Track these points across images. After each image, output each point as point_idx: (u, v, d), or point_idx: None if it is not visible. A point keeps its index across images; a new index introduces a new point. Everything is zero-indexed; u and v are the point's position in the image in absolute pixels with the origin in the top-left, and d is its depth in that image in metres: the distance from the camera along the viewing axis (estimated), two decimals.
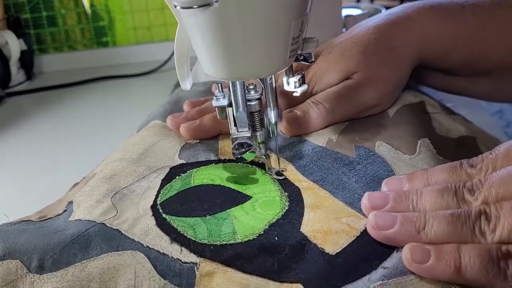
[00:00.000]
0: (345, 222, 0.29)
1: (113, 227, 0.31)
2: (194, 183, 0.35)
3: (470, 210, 0.26)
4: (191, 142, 0.41)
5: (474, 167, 0.29)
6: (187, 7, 0.28)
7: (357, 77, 0.42)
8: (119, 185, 0.35)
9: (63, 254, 0.29)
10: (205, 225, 0.30)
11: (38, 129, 0.68)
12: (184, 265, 0.28)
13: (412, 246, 0.26)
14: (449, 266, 0.24)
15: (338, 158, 0.36)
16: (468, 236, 0.25)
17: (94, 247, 0.29)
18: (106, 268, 0.28)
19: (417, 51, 0.44)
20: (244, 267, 0.27)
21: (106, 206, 0.33)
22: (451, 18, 0.44)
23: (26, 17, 0.94)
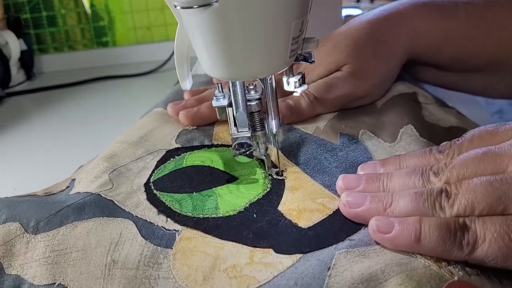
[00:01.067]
0: (320, 202, 0.32)
1: (107, 197, 0.33)
2: (186, 164, 0.37)
3: (433, 188, 0.28)
4: (188, 128, 0.43)
5: (442, 153, 0.31)
6: (187, 7, 0.28)
7: (346, 69, 0.44)
8: (117, 164, 0.38)
9: (57, 217, 0.31)
10: (191, 200, 0.33)
11: (38, 129, 0.68)
12: (167, 231, 0.30)
13: (378, 217, 0.28)
14: (410, 236, 0.26)
15: (322, 145, 0.38)
16: (429, 211, 0.27)
17: (87, 212, 0.31)
18: (94, 228, 0.30)
19: (407, 46, 0.46)
20: (222, 235, 0.30)
21: (104, 181, 0.35)
22: (443, 15, 0.46)
23: (26, 17, 0.94)
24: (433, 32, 0.46)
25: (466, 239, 0.25)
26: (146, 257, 0.29)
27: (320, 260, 0.26)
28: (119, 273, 0.28)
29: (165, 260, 0.28)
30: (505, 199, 0.25)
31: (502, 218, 0.25)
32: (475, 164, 0.28)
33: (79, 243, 0.30)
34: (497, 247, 0.24)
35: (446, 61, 0.48)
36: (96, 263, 0.29)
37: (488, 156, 0.28)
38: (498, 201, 0.25)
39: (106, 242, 0.30)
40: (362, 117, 0.42)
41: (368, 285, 0.24)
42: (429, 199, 0.27)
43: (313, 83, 0.45)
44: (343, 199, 0.30)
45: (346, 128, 0.40)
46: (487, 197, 0.26)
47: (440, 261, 0.25)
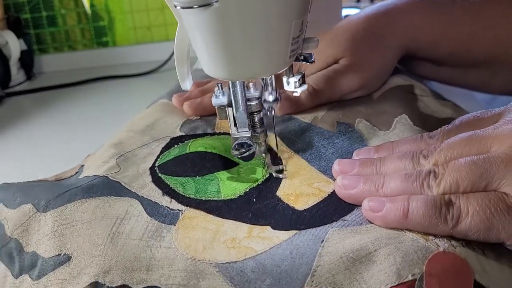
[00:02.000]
0: (316, 187, 0.33)
1: (114, 179, 0.35)
2: (190, 150, 0.39)
3: (421, 170, 0.29)
4: (192, 118, 0.45)
5: (432, 138, 0.33)
6: (187, 7, 0.28)
7: (343, 62, 0.46)
8: (124, 150, 0.39)
9: (65, 195, 0.33)
10: (194, 183, 0.35)
11: (38, 129, 0.68)
12: (171, 211, 0.32)
13: (371, 198, 0.29)
14: (398, 212, 0.27)
15: (320, 133, 0.40)
16: (417, 191, 0.28)
17: (94, 191, 0.33)
18: (102, 205, 0.32)
19: (404, 41, 0.47)
20: (222, 214, 0.31)
21: (111, 165, 0.37)
22: (440, 11, 0.47)
23: (26, 17, 0.94)
24: (430, 28, 0.47)
25: (451, 213, 0.26)
26: (150, 231, 0.30)
27: (314, 235, 0.28)
28: (121, 241, 0.29)
29: (168, 234, 0.30)
30: (487, 176, 0.27)
31: (484, 193, 0.27)
32: (461, 146, 0.29)
33: (85, 216, 0.31)
34: (479, 219, 0.26)
35: (443, 56, 0.49)
36: (99, 233, 0.30)
37: (473, 139, 0.29)
38: (480, 178, 0.27)
39: (112, 216, 0.31)
40: (358, 107, 0.44)
41: (358, 254, 0.26)
42: (418, 179, 0.29)
43: (312, 75, 0.46)
44: (339, 182, 0.31)
45: (343, 118, 0.42)
46: (470, 175, 0.27)
47: (427, 235, 0.27)
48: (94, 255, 0.29)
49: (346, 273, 0.25)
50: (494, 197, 0.26)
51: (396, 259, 0.25)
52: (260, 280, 0.26)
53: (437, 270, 0.25)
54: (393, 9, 0.48)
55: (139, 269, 0.28)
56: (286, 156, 0.37)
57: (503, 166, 0.27)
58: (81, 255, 0.29)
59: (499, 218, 0.26)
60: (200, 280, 0.27)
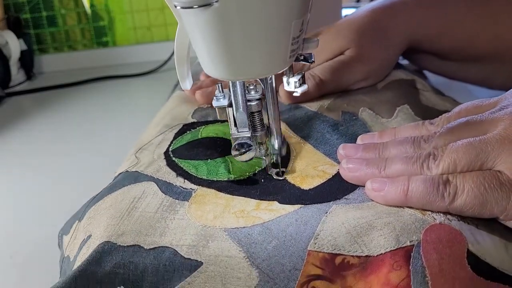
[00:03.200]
0: (321, 169, 0.35)
1: (132, 170, 0.37)
2: (201, 136, 0.41)
3: (422, 152, 0.31)
4: (203, 106, 0.47)
5: (433, 124, 0.34)
6: (187, 7, 0.28)
7: (348, 53, 0.47)
8: (142, 144, 0.41)
9: (95, 199, 0.35)
10: (205, 166, 0.37)
11: (38, 129, 0.68)
12: (184, 190, 0.34)
13: (374, 179, 0.31)
14: (398, 191, 0.29)
15: (325, 121, 0.41)
16: (417, 172, 0.30)
17: (117, 186, 0.35)
18: (121, 192, 0.34)
19: (407, 33, 0.49)
20: (233, 192, 0.33)
21: (130, 161, 0.39)
22: (444, 5, 0.49)
23: (26, 17, 0.94)
24: (433, 22, 0.49)
25: (448, 191, 0.28)
26: (164, 206, 0.32)
27: (318, 208, 0.30)
28: (138, 214, 0.31)
29: (181, 208, 0.32)
30: (483, 156, 0.28)
31: (479, 172, 0.28)
32: (459, 130, 0.31)
33: (107, 204, 0.33)
34: (474, 195, 0.27)
35: (446, 49, 0.50)
36: (118, 209, 0.32)
37: (471, 123, 0.31)
38: (476, 158, 0.28)
39: (130, 197, 0.33)
40: (362, 97, 0.45)
41: (359, 221, 0.28)
42: (418, 161, 0.30)
43: (318, 65, 0.48)
44: (344, 164, 0.33)
45: (348, 107, 0.44)
46: (467, 155, 0.29)
47: (425, 211, 0.28)
48: (110, 224, 0.31)
49: (347, 236, 0.27)
50: (488, 175, 0.28)
51: (395, 227, 0.27)
52: (266, 242, 0.28)
53: (433, 238, 0.26)
54: (398, 2, 0.49)
55: (153, 234, 0.30)
56: (293, 141, 0.39)
57: (498, 145, 0.28)
58: (99, 229, 0.31)
59: (492, 194, 0.27)
60: (210, 241, 0.29)
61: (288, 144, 0.39)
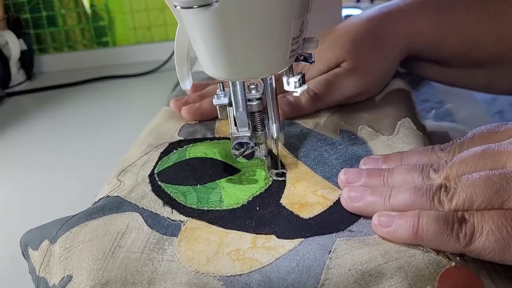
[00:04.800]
0: (320, 195, 0.33)
1: (114, 195, 0.34)
2: (189, 156, 0.38)
3: (432, 184, 0.28)
4: (191, 123, 0.44)
5: (443, 151, 0.32)
6: (187, 7, 0.28)
7: (345, 66, 0.45)
8: (125, 165, 0.39)
9: (71, 221, 0.32)
10: (195, 192, 0.34)
11: (38, 129, 0.68)
12: (172, 222, 0.31)
13: (380, 213, 0.28)
14: (408, 229, 0.26)
15: (322, 139, 0.39)
16: (427, 206, 0.27)
17: (96, 212, 0.33)
18: (103, 223, 0.31)
19: (407, 42, 0.46)
20: (226, 225, 0.31)
21: (113, 184, 0.36)
22: (443, 10, 0.46)
23: (26, 17, 0.94)
24: (432, 28, 0.46)
25: (464, 231, 0.25)
26: (151, 244, 0.29)
27: (321, 244, 0.28)
28: (122, 255, 0.29)
29: (170, 247, 0.29)
30: (503, 193, 0.26)
31: (500, 211, 0.25)
32: (475, 161, 0.28)
33: (87, 236, 0.31)
34: (494, 239, 0.25)
35: (447, 56, 0.48)
36: (100, 248, 0.29)
37: (487, 153, 0.28)
38: (496, 195, 0.26)
39: (113, 232, 0.31)
40: (361, 113, 0.43)
41: (367, 266, 0.25)
42: (428, 194, 0.28)
43: (313, 79, 0.45)
44: (345, 194, 0.31)
45: (345, 125, 0.41)
46: (485, 191, 0.26)
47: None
48: (93, 269, 0.28)
49: (355, 286, 0.25)
50: (510, 216, 0.25)
51: (407, 273, 0.25)
52: None
53: (449, 285, 0.24)
54: (395, 10, 0.47)
55: (141, 282, 0.27)
56: (289, 161, 0.37)
57: None
58: (81, 271, 0.28)
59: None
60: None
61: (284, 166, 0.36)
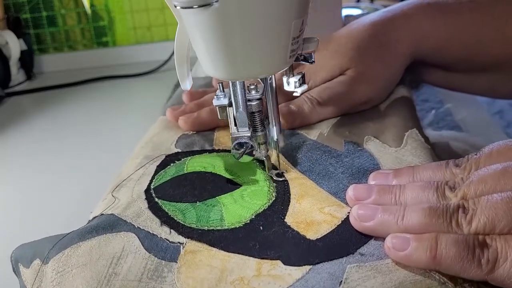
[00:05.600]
0: (327, 212, 0.31)
1: (108, 213, 0.33)
2: (187, 170, 0.36)
3: (449, 204, 0.27)
4: (188, 133, 0.43)
5: (459, 167, 0.30)
6: (187, 7, 0.28)
7: (350, 73, 0.43)
8: (121, 180, 0.37)
9: (63, 241, 0.31)
10: (194, 210, 0.32)
11: (38, 129, 0.68)
12: (171, 244, 0.29)
13: (394, 235, 0.27)
14: (425, 253, 0.25)
15: (327, 151, 0.38)
16: (444, 228, 0.26)
17: (90, 232, 0.31)
18: (97, 245, 0.30)
19: (412, 47, 0.45)
20: (228, 247, 0.29)
21: (107, 201, 0.34)
22: (447, 14, 0.45)
23: (26, 17, 0.94)
24: (437, 32, 0.45)
25: (486, 257, 0.24)
26: (149, 271, 0.28)
27: (330, 274, 0.26)
28: (118, 283, 0.27)
29: (169, 274, 0.27)
30: None
31: None
32: (495, 180, 0.27)
33: (81, 260, 0.29)
34: None
35: (451, 61, 0.47)
36: (95, 274, 0.28)
37: (509, 172, 0.27)
38: None
39: (108, 256, 0.29)
40: (365, 122, 0.41)
41: None
42: (445, 215, 0.26)
43: (316, 87, 0.44)
44: (354, 212, 0.29)
45: (350, 135, 0.39)
46: (508, 215, 0.25)
47: (455, 278, 0.25)
48: None
49: None
50: None
51: None
52: None
53: None
54: (398, 14, 0.45)
55: None
56: (292, 176, 0.35)
57: None
58: None
59: None
60: None
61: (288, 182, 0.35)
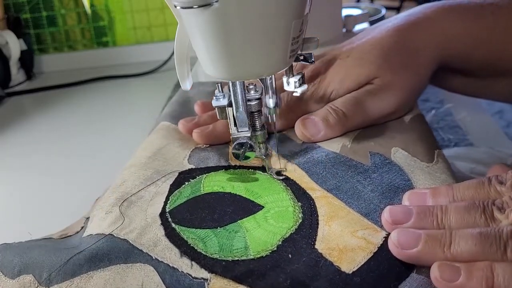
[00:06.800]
0: (361, 236, 0.28)
1: (120, 237, 0.30)
2: (204, 190, 0.34)
3: (501, 229, 0.24)
4: (201, 147, 0.40)
5: (503, 184, 0.28)
6: (187, 7, 0.28)
7: (378, 82, 0.41)
8: (127, 192, 0.34)
9: (68, 265, 0.28)
10: (216, 238, 0.30)
11: (38, 129, 0.68)
12: (194, 280, 0.27)
13: (442, 263, 0.24)
14: (480, 285, 0.23)
15: (352, 166, 0.35)
16: (498, 257, 0.24)
17: (101, 258, 0.28)
18: (112, 279, 0.27)
19: (438, 53, 0.43)
20: (256, 283, 0.26)
21: (114, 216, 0.32)
22: (471, 18, 0.43)
23: (26, 17, 0.94)
24: (463, 36, 0.43)
25: None
26: None
27: None
28: None
29: None
30: None
31: None
32: None
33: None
34: None
35: (475, 66, 0.45)
36: None
37: None
38: None
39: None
40: (391, 133, 0.39)
41: None
42: (498, 242, 0.24)
43: (341, 97, 0.41)
44: (394, 238, 0.26)
45: (375, 146, 0.37)
46: None
47: None
48: None
49: None
50: None
51: None
52: None
53: None
54: (423, 18, 0.43)
55: None
56: (318, 194, 0.33)
57: None
58: None
59: None
60: None
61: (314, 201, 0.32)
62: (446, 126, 0.56)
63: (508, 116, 0.85)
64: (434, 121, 0.56)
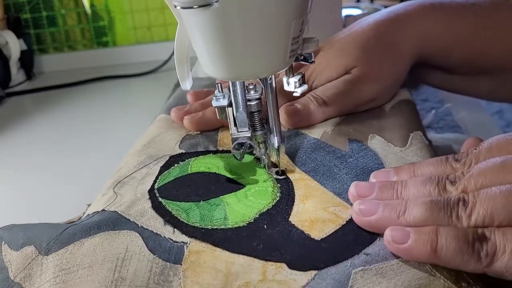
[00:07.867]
0: (332, 212, 0.31)
1: (111, 210, 0.33)
2: (192, 170, 0.37)
3: (449, 197, 0.27)
4: (192, 133, 0.43)
5: (458, 161, 0.30)
6: (187, 7, 0.28)
7: (355, 72, 0.43)
8: (121, 176, 0.37)
9: (64, 235, 0.30)
10: (198, 209, 0.32)
11: (38, 129, 0.68)
12: (174, 244, 0.29)
13: (394, 227, 0.27)
14: (426, 247, 0.25)
15: (331, 152, 0.38)
16: (445, 221, 0.26)
17: (92, 227, 0.31)
18: (101, 244, 0.30)
19: (417, 48, 0.45)
20: (232, 248, 0.29)
21: (109, 196, 0.34)
22: (452, 16, 0.45)
23: (26, 17, 0.94)
24: (442, 34, 0.45)
25: (485, 250, 0.24)
26: (155, 274, 0.28)
27: (336, 280, 0.26)
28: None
29: (175, 278, 0.27)
30: None
31: None
32: (494, 173, 0.27)
33: (86, 260, 0.29)
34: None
35: (455, 63, 0.47)
36: (102, 279, 0.28)
37: (508, 165, 0.27)
38: None
39: (113, 257, 0.29)
40: (370, 121, 0.41)
41: None
42: (446, 208, 0.26)
43: (321, 86, 0.44)
44: (356, 207, 0.29)
45: (354, 133, 0.39)
46: (507, 207, 0.25)
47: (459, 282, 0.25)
48: None
49: None
50: None
51: None
52: None
53: None
54: (403, 14, 0.46)
55: None
56: (297, 177, 0.35)
57: None
58: None
59: None
60: None
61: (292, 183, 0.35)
62: (446, 126, 0.56)
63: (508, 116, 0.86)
64: (434, 121, 0.57)
